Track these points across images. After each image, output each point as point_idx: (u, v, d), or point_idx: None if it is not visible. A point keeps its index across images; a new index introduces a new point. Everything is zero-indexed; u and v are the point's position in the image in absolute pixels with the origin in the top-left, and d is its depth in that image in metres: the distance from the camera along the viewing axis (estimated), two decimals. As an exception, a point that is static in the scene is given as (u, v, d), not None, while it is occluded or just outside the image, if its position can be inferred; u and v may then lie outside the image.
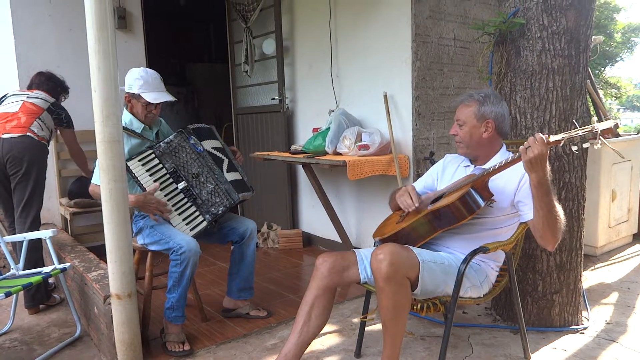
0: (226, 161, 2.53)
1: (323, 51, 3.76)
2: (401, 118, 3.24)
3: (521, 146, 1.69)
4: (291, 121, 4.15)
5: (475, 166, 2.05)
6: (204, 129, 2.59)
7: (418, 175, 3.21)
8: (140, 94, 2.42)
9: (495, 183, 1.92)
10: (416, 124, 3.18)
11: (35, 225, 2.85)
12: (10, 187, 2.88)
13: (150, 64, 4.34)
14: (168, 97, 2.45)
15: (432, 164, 3.09)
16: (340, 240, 3.62)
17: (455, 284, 1.83)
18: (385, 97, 3.25)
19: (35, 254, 2.84)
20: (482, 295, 1.95)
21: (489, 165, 1.99)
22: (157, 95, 2.43)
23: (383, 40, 3.30)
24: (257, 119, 4.36)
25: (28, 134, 2.87)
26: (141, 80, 2.43)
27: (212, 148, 2.53)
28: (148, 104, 2.43)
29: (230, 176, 2.51)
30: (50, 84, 3.14)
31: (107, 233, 1.97)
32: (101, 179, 1.96)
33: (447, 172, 2.15)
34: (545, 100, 2.32)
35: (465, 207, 1.83)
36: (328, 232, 3.90)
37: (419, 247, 1.92)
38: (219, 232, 2.57)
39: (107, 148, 1.93)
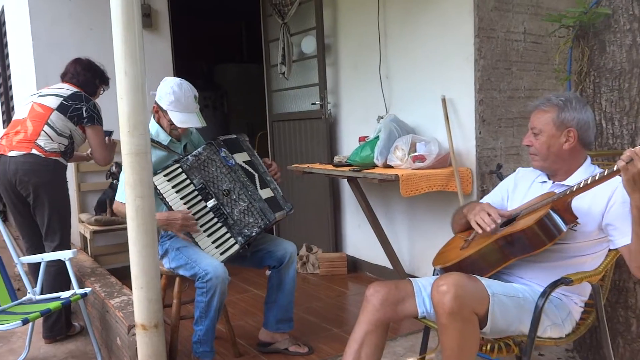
0: (257, 176, 2.55)
1: (370, 49, 3.76)
2: (462, 125, 3.20)
3: (619, 161, 1.61)
4: (334, 129, 4.16)
5: (553, 182, 1.99)
6: (235, 140, 2.62)
7: (483, 191, 3.15)
8: (168, 112, 2.47)
9: (579, 203, 1.85)
10: (480, 132, 3.13)
11: (61, 249, 2.88)
12: (25, 210, 2.94)
13: (176, 65, 4.46)
14: (197, 123, 2.49)
15: (500, 179, 3.03)
16: (390, 266, 3.59)
17: (532, 321, 1.76)
18: (444, 101, 3.21)
19: (59, 280, 2.88)
20: (564, 336, 1.88)
21: (571, 181, 1.92)
22: (185, 117, 2.47)
23: (440, 36, 3.27)
24: (295, 127, 4.40)
25: (33, 151, 2.83)
26: (172, 96, 2.47)
27: (243, 162, 2.56)
28: (172, 123, 2.49)
29: (264, 193, 2.53)
30: (88, 75, 3.05)
31: (132, 256, 2.01)
32: (127, 196, 2.00)
33: (520, 189, 2.09)
34: (637, 104, 2.24)
35: (544, 232, 1.77)
36: (377, 256, 3.87)
37: (487, 277, 1.87)
38: (253, 255, 2.58)
39: (133, 161, 1.97)
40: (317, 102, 4.08)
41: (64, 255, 2.71)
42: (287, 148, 4.50)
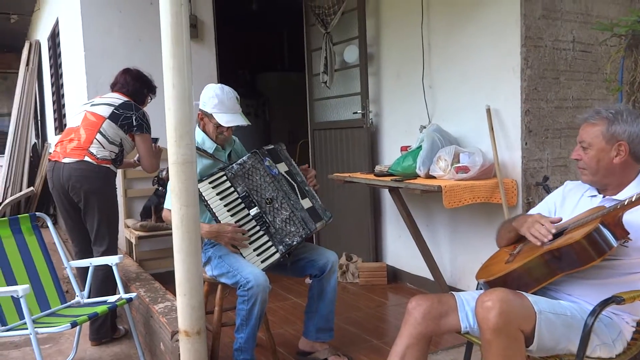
0: (296, 186, 2.57)
1: (413, 59, 3.75)
2: (507, 136, 3.15)
3: None
4: (376, 138, 4.16)
5: (603, 196, 1.93)
6: (273, 150, 2.64)
7: (528, 204, 3.09)
8: (213, 115, 2.52)
9: (631, 218, 1.79)
10: (526, 143, 3.08)
11: (109, 253, 2.95)
12: (76, 215, 3.02)
13: (220, 74, 4.54)
14: (242, 121, 2.54)
15: (547, 192, 2.96)
16: (432, 278, 3.55)
17: (581, 340, 1.71)
18: (488, 111, 3.17)
19: (106, 284, 2.95)
20: (614, 356, 1.81)
21: (622, 195, 1.86)
22: (230, 117, 2.52)
23: (486, 46, 3.24)
24: (336, 136, 4.41)
25: (86, 158, 2.91)
26: (216, 99, 2.53)
27: (285, 172, 2.58)
28: (220, 125, 2.53)
29: (305, 203, 2.55)
30: (137, 85, 3.12)
31: (177, 264, 2.04)
32: (172, 204, 2.04)
33: (568, 203, 2.03)
34: (694, 116, 2.14)
35: (593, 248, 1.71)
36: (417, 267, 3.84)
37: (533, 293, 1.82)
38: (294, 264, 2.59)
39: (179, 170, 2.01)
40: (358, 111, 4.08)
41: (111, 260, 2.78)
42: (328, 157, 4.51)
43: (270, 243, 2.44)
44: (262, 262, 2.42)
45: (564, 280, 1.85)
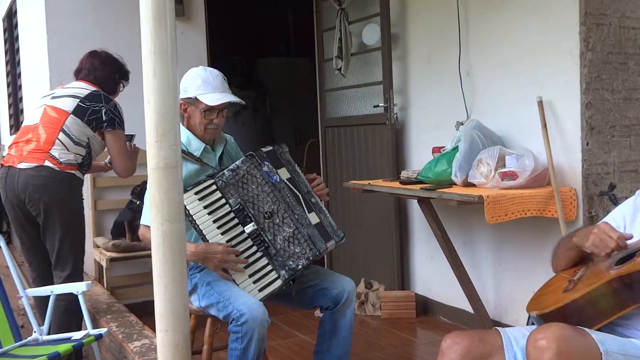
0: (301, 197, 2.57)
1: (447, 40, 3.74)
2: (564, 134, 3.13)
3: None
4: (401, 137, 4.15)
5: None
6: (272, 152, 2.64)
7: (590, 218, 3.06)
8: (198, 97, 2.54)
9: None
10: (587, 143, 3.06)
11: (73, 280, 2.95)
12: (34, 232, 3.03)
13: (211, 61, 4.54)
14: (232, 98, 2.56)
15: (613, 203, 2.94)
16: (471, 310, 3.53)
17: (658, 388, 1.69)
18: (540, 103, 3.16)
19: (70, 317, 2.94)
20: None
21: None
22: (220, 96, 2.54)
23: (536, 24, 3.23)
24: (353, 134, 4.41)
25: (46, 162, 2.90)
26: (199, 79, 2.55)
27: (287, 179, 2.58)
28: (208, 110, 2.54)
29: (313, 217, 2.54)
30: (106, 70, 3.13)
31: (157, 292, 2.03)
32: (153, 219, 2.02)
33: (641, 217, 2.02)
34: None
35: (674, 274, 1.70)
36: (453, 296, 3.83)
37: (598, 329, 1.80)
38: (301, 293, 2.59)
39: (161, 177, 1.99)
40: (380, 104, 4.08)
41: (77, 287, 2.77)
42: (343, 160, 4.51)
43: (270, 267, 2.43)
44: (260, 290, 2.41)
45: (636, 313, 1.84)
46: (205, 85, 2.54)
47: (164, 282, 2.02)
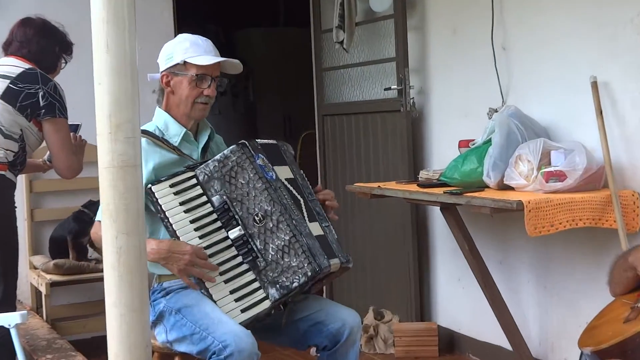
0: (302, 202, 2.58)
1: (478, 5, 3.74)
2: (625, 124, 3.13)
3: None
4: (420, 128, 4.15)
5: None
6: (275, 147, 2.67)
7: (660, 229, 3.07)
8: (187, 60, 2.57)
9: None
10: (655, 135, 3.08)
11: (3, 309, 2.90)
12: None
13: (179, 32, 4.48)
14: (228, 59, 2.63)
15: (689, 210, 2.91)
16: (509, 346, 3.54)
17: None
18: (594, 85, 3.16)
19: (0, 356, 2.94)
20: None
21: None
22: (211, 58, 2.59)
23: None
24: (358, 125, 4.41)
25: None
26: (186, 42, 2.61)
27: (286, 179, 2.59)
28: (199, 77, 2.57)
29: (314, 227, 2.54)
30: (43, 42, 3.11)
31: (110, 324, 2.00)
32: (105, 231, 2.00)
33: None
34: None
35: None
36: (486, 329, 3.83)
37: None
38: (293, 326, 2.57)
39: (116, 178, 1.96)
40: (393, 87, 4.08)
41: (8, 319, 2.74)
42: (346, 157, 4.52)
43: (257, 284, 2.44)
44: (243, 311, 2.42)
45: None
46: (195, 48, 2.60)
47: (120, 312, 1.99)
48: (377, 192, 3.64)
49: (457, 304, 4.05)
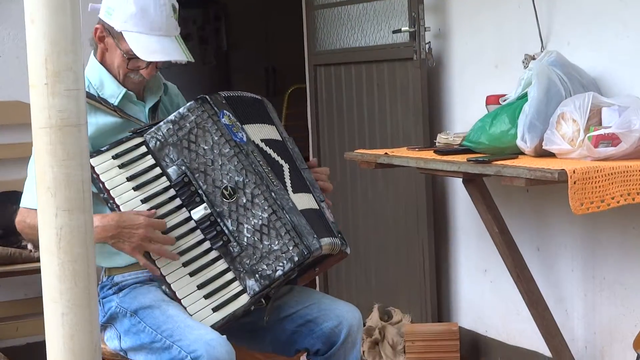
0: (287, 168, 2.59)
1: None
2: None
3: None
4: (437, 81, 4.16)
5: None
6: (250, 101, 2.66)
7: None
8: (124, 35, 2.54)
9: None
10: None
11: None
12: None
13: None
14: (177, 55, 2.56)
15: None
16: (547, 352, 3.56)
17: None
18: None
19: None
20: None
21: None
22: (157, 44, 2.54)
23: None
24: (360, 77, 4.42)
25: None
26: (133, 6, 2.53)
27: (262, 140, 2.60)
28: (132, 57, 2.55)
29: (301, 200, 2.56)
30: None
31: (49, 325, 2.02)
32: (42, 208, 2.01)
33: None
34: None
35: None
36: (520, 330, 3.86)
37: None
38: (277, 326, 2.60)
39: (54, 141, 1.98)
40: (404, 29, 4.08)
41: None
42: (345, 118, 4.54)
43: (231, 274, 2.45)
44: (216, 310, 2.44)
45: None
46: (141, 19, 2.53)
47: (61, 310, 2.01)
48: (383, 161, 3.63)
49: (484, 300, 4.08)
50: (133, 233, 2.40)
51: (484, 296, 4.09)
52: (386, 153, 3.68)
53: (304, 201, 2.56)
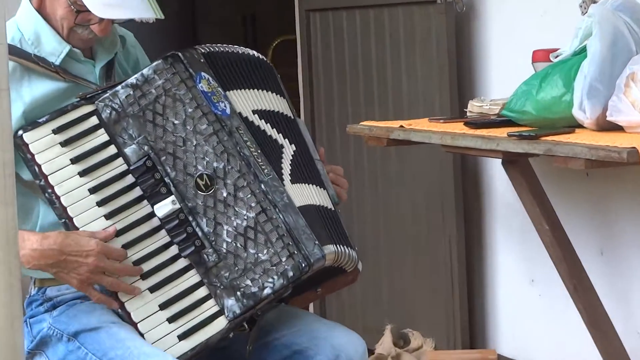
0: (288, 150, 2.60)
1: None
2: None
3: None
4: (468, 31, 4.20)
5: None
6: (239, 59, 2.68)
7: None
8: None
9: None
10: None
11: None
12: None
13: None
14: (143, 11, 2.57)
15: None
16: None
17: None
18: None
19: None
20: None
21: None
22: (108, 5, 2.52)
23: None
24: (367, 26, 4.47)
25: None
26: None
27: (255, 112, 2.60)
28: (82, 10, 2.53)
29: (300, 193, 2.56)
30: None
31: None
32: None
33: None
34: None
35: None
36: (577, 358, 3.88)
37: None
38: (263, 354, 2.61)
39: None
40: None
41: None
42: (347, 80, 4.58)
43: (204, 291, 2.45)
44: (183, 337, 2.43)
45: None
46: None
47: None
48: (398, 137, 3.63)
49: (530, 320, 4.10)
50: (81, 262, 2.38)
51: (530, 314, 4.11)
52: (401, 126, 3.68)
53: (305, 195, 2.56)
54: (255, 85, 2.63)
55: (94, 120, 2.47)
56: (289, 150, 2.58)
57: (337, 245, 2.52)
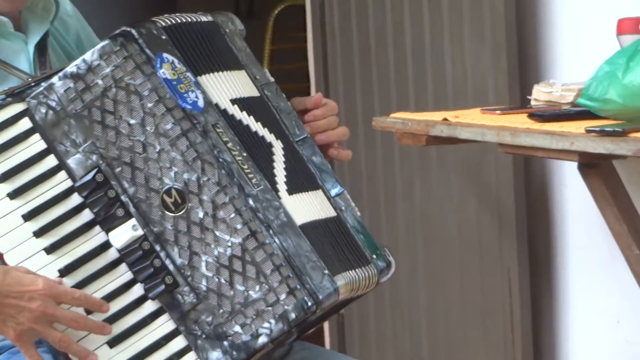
0: (280, 152, 2.59)
1: None
2: None
3: None
4: (527, 6, 4.19)
5: None
6: (205, 30, 2.67)
7: None
8: None
9: None
10: None
11: None
12: None
13: None
14: None
15: None
16: None
17: None
18: None
19: None
20: None
21: None
22: None
23: None
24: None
25: None
26: None
27: (234, 102, 2.59)
28: None
29: (301, 206, 2.56)
30: None
31: None
32: None
33: None
34: None
35: None
36: None
37: None
38: None
39: None
40: None
41: None
42: (373, 58, 4.62)
43: (181, 341, 2.45)
44: None
45: None
46: None
47: None
48: (441, 133, 3.66)
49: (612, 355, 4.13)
50: (22, 307, 2.36)
51: (612, 350, 4.13)
52: (445, 118, 3.71)
53: (307, 207, 2.57)
54: (226, 64, 2.62)
55: (25, 124, 2.46)
56: (278, 149, 2.58)
57: (355, 270, 2.51)
